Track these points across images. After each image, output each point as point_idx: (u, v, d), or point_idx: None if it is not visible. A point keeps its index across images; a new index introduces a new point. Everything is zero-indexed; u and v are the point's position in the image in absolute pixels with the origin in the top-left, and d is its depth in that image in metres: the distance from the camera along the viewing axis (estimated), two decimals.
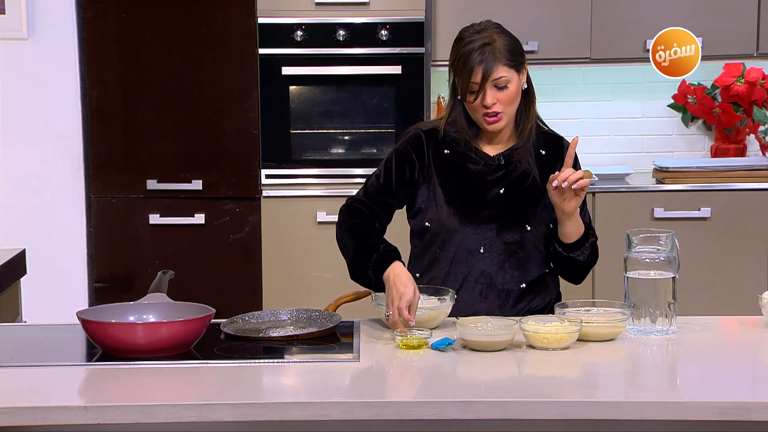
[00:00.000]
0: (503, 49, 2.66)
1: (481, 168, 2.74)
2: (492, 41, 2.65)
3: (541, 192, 2.73)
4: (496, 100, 2.66)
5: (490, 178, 2.74)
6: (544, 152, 2.78)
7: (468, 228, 2.71)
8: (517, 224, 2.71)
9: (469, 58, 2.64)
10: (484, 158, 2.75)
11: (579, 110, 4.83)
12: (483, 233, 2.72)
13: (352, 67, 4.38)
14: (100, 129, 4.40)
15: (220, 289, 4.39)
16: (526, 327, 2.43)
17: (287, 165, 4.43)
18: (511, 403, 2.07)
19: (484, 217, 2.72)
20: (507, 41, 2.68)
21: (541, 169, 2.75)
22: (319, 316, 2.67)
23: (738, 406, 2.04)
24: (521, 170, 2.74)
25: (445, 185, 2.74)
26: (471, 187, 2.74)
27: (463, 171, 2.74)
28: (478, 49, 2.64)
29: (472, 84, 2.65)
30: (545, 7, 4.48)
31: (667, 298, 2.53)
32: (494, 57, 2.64)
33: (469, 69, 2.64)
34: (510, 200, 2.73)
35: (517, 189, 2.74)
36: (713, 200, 4.37)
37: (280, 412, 2.07)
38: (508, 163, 2.75)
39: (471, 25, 2.73)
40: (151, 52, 4.37)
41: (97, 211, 4.43)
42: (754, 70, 4.61)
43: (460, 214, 2.72)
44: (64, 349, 2.50)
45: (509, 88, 2.66)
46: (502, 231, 2.71)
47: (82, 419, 2.06)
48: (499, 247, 2.71)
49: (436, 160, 2.75)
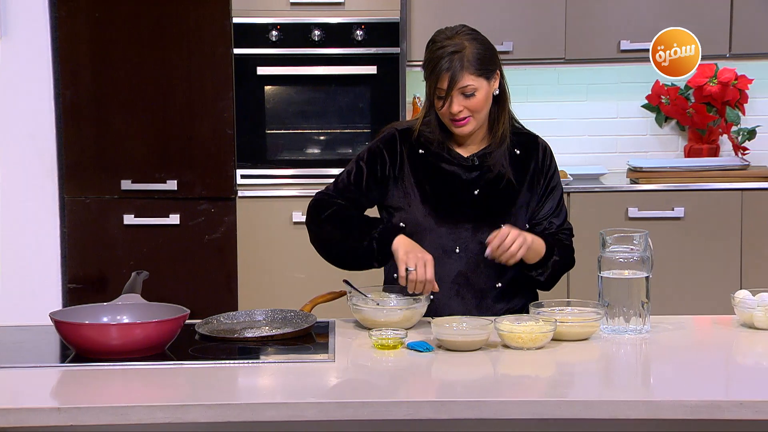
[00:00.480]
0: (472, 57, 2.66)
1: (455, 168, 2.75)
2: (461, 49, 2.66)
3: (516, 192, 2.74)
4: (463, 107, 2.68)
5: (465, 179, 2.75)
6: (518, 152, 2.79)
7: (443, 228, 2.72)
8: (492, 225, 2.72)
9: (437, 64, 2.65)
10: (458, 159, 2.76)
11: (553, 110, 4.84)
12: (458, 233, 2.72)
13: (328, 67, 4.38)
14: (74, 129, 4.38)
15: (195, 290, 4.37)
16: (500, 327, 2.43)
17: (263, 165, 4.42)
18: (486, 403, 2.08)
19: (460, 217, 2.73)
20: (477, 49, 2.68)
21: (515, 169, 2.76)
22: (294, 316, 2.67)
23: (710, 405, 2.06)
24: (495, 172, 2.75)
25: (419, 184, 2.75)
26: (446, 187, 2.75)
27: (437, 171, 2.75)
28: (446, 57, 2.64)
29: (439, 90, 2.67)
30: (520, 7, 4.49)
31: (640, 298, 2.54)
32: (461, 65, 2.64)
33: (435, 75, 2.65)
34: (485, 201, 2.74)
35: (491, 190, 2.75)
36: (687, 200, 4.40)
37: (254, 412, 2.07)
38: (482, 164, 2.76)
39: (445, 29, 2.73)
40: (125, 51, 4.35)
41: (70, 212, 4.40)
42: (727, 70, 4.64)
43: (435, 214, 2.73)
44: (37, 351, 2.49)
45: (477, 96, 2.67)
46: (477, 231, 2.72)
47: (55, 421, 2.05)
48: (475, 247, 2.72)
49: (411, 159, 2.76)
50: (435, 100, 2.69)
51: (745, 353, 2.53)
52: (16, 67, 4.36)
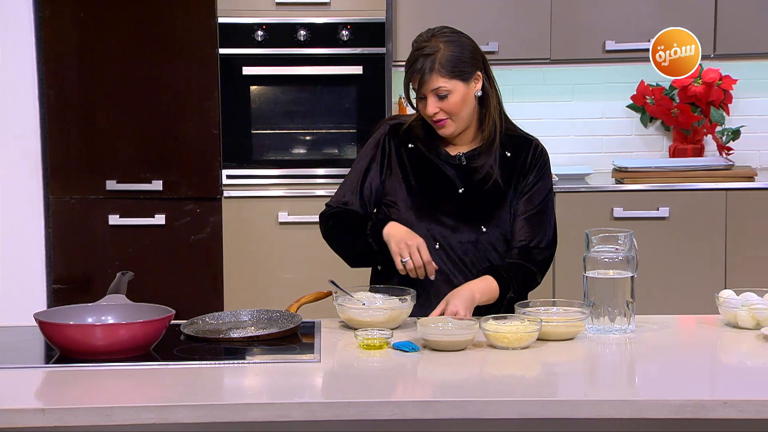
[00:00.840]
0: (444, 60, 2.68)
1: (442, 165, 2.77)
2: (435, 51, 2.69)
3: (502, 195, 2.75)
4: (439, 109, 2.71)
5: (450, 176, 2.76)
6: (509, 154, 2.80)
7: (423, 223, 2.74)
8: (472, 224, 2.73)
9: (411, 66, 2.71)
10: (446, 157, 2.77)
11: (539, 111, 4.85)
12: (438, 229, 2.74)
13: (314, 67, 4.37)
14: (59, 129, 4.36)
15: (180, 290, 4.36)
16: (486, 327, 2.44)
17: (248, 165, 4.41)
18: (471, 403, 2.08)
19: (441, 213, 2.74)
20: (452, 52, 2.70)
21: (504, 171, 2.77)
22: (280, 316, 2.67)
23: (695, 404, 2.07)
24: (483, 173, 2.75)
25: (406, 178, 2.78)
26: (431, 182, 2.77)
27: (424, 165, 2.78)
28: (420, 59, 2.69)
29: (413, 91, 2.72)
30: (505, 8, 4.50)
31: (625, 297, 2.55)
32: (431, 68, 2.67)
33: (408, 76, 2.71)
34: (468, 200, 2.75)
35: (476, 190, 2.75)
36: (671, 200, 4.41)
37: (240, 413, 2.07)
38: (469, 164, 2.76)
39: (427, 30, 2.77)
40: (109, 51, 4.33)
41: (55, 212, 4.39)
42: (711, 71, 4.66)
43: (417, 208, 2.75)
44: (22, 351, 2.48)
45: (450, 98, 2.69)
46: (457, 229, 2.74)
47: (40, 422, 2.04)
48: (455, 245, 2.73)
49: (399, 153, 2.79)
50: (414, 100, 2.74)
51: (729, 353, 2.54)
52: (1, 67, 4.34)
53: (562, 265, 4.40)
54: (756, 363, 2.42)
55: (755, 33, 4.50)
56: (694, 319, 2.77)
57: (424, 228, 2.73)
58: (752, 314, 2.57)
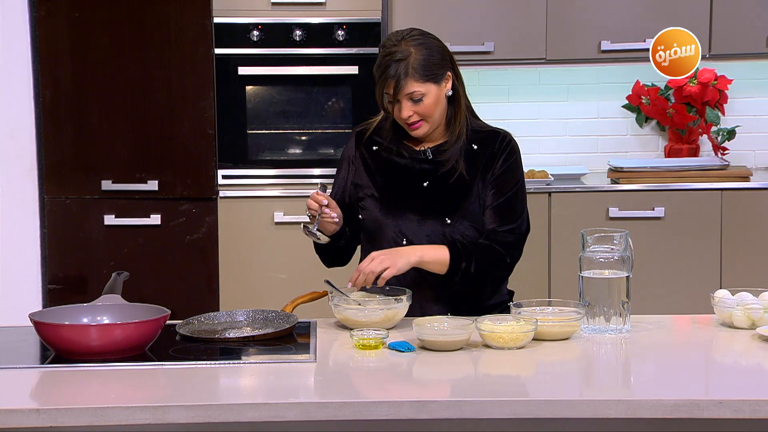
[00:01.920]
0: (417, 64, 2.70)
1: (407, 161, 2.81)
2: (407, 56, 2.70)
3: (467, 187, 2.77)
4: (413, 112, 2.73)
5: (416, 171, 2.80)
6: (476, 147, 2.81)
7: (389, 220, 2.78)
8: (437, 217, 2.75)
9: (384, 71, 2.71)
10: (410, 152, 2.81)
11: (534, 110, 4.86)
12: (404, 225, 2.77)
13: (309, 67, 4.37)
14: (53, 129, 4.36)
15: (176, 291, 4.36)
16: (482, 327, 2.44)
17: (244, 165, 4.41)
18: (466, 403, 2.08)
19: (405, 208, 2.78)
20: (423, 55, 2.71)
21: (470, 164, 2.79)
22: (276, 316, 2.67)
23: (690, 404, 2.07)
24: (448, 167, 2.78)
25: (372, 179, 2.82)
26: (395, 179, 2.81)
27: (390, 165, 2.82)
28: (392, 64, 2.69)
29: (387, 95, 2.73)
30: (501, 8, 4.50)
31: (621, 297, 2.55)
32: (406, 73, 2.69)
33: (382, 82, 2.71)
34: (433, 194, 2.78)
35: (441, 184, 2.78)
36: (667, 200, 4.41)
37: (235, 413, 2.07)
38: (435, 158, 2.79)
39: (394, 33, 2.78)
40: (105, 51, 4.33)
41: (50, 212, 4.38)
42: (707, 71, 4.66)
43: (382, 207, 2.79)
44: (17, 352, 2.48)
45: (425, 101, 2.72)
46: (423, 223, 2.76)
47: (35, 422, 2.04)
48: (422, 239, 2.75)
49: (365, 156, 2.84)
50: (386, 104, 2.75)
51: (724, 352, 2.54)
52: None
53: (557, 265, 4.40)
54: (751, 363, 2.42)
55: (750, 33, 4.50)
56: (690, 318, 2.77)
57: (391, 225, 2.78)
58: (747, 314, 2.58)
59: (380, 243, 2.77)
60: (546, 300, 2.67)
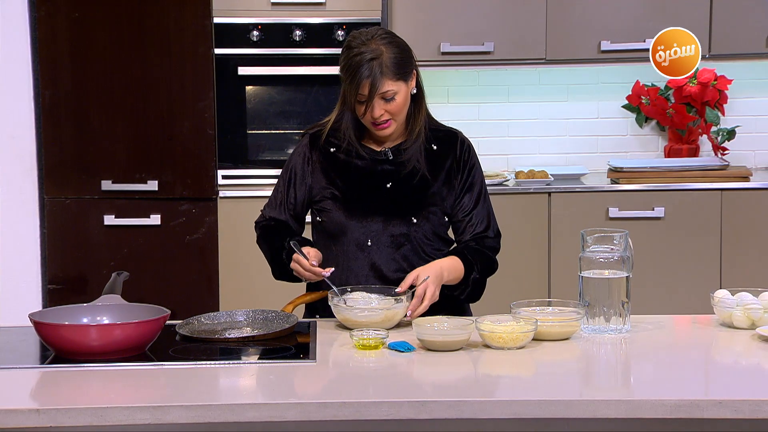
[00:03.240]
0: (390, 62, 2.69)
1: (367, 163, 2.79)
2: (379, 55, 2.69)
3: (429, 186, 2.77)
4: (384, 111, 2.71)
5: (377, 171, 2.78)
6: (435, 147, 2.82)
7: (354, 222, 2.76)
8: (402, 217, 2.76)
9: (356, 72, 2.68)
10: (371, 153, 2.80)
11: (534, 111, 4.86)
12: (369, 226, 2.76)
13: (309, 67, 4.37)
14: (53, 129, 4.36)
15: (176, 291, 4.36)
16: (481, 327, 2.44)
17: (244, 165, 4.41)
18: (466, 403, 2.08)
19: (370, 210, 2.77)
20: (394, 53, 2.71)
21: (430, 164, 2.79)
22: (276, 317, 2.67)
23: (690, 404, 2.07)
24: (410, 167, 2.78)
25: (332, 182, 2.79)
26: (357, 181, 2.79)
27: (349, 167, 2.79)
28: (365, 64, 2.67)
29: (360, 96, 2.70)
30: (501, 8, 4.50)
31: (620, 297, 2.55)
32: (381, 72, 2.67)
33: (356, 83, 2.68)
34: (396, 194, 2.77)
35: (404, 184, 2.78)
36: (667, 200, 4.41)
37: (234, 413, 2.06)
38: (396, 158, 2.79)
39: (360, 32, 2.75)
40: (105, 51, 4.33)
41: (50, 212, 4.38)
42: (707, 71, 4.67)
43: (345, 209, 2.77)
44: (17, 352, 2.48)
45: (396, 99, 2.71)
46: (387, 224, 2.76)
47: (35, 422, 2.04)
48: (386, 240, 2.75)
49: (322, 159, 2.81)
50: (356, 105, 2.72)
51: (724, 353, 2.54)
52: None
53: (557, 265, 4.40)
54: (751, 363, 2.42)
55: (750, 33, 4.51)
56: (689, 319, 2.77)
57: (356, 227, 2.75)
58: (747, 314, 2.58)
59: (343, 245, 2.75)
60: (546, 300, 2.67)
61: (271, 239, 2.84)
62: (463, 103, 4.82)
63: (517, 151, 4.85)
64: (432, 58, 4.50)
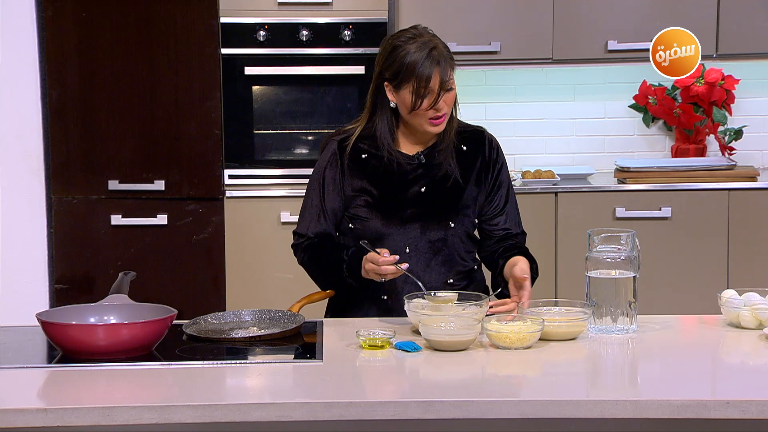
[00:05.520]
0: (445, 52, 2.69)
1: (401, 168, 2.75)
2: (436, 45, 2.67)
3: (462, 188, 2.76)
4: (445, 103, 2.69)
5: (411, 177, 2.75)
6: (465, 148, 2.81)
7: (392, 229, 2.73)
8: (440, 222, 2.74)
9: (421, 65, 2.64)
10: (404, 158, 2.76)
11: (541, 110, 4.85)
12: (407, 233, 2.73)
13: (316, 67, 4.38)
14: (60, 129, 4.36)
15: (182, 290, 4.36)
16: (488, 327, 2.44)
17: (250, 165, 4.41)
18: (473, 403, 2.08)
19: (407, 216, 2.74)
20: (444, 44, 2.71)
21: (462, 165, 2.78)
22: (282, 316, 2.67)
23: (697, 404, 2.06)
24: (443, 171, 2.75)
25: (365, 190, 2.75)
26: (392, 187, 2.75)
27: (382, 173, 2.75)
28: (428, 56, 2.64)
29: (430, 90, 2.65)
30: (507, 7, 4.50)
31: (627, 297, 2.55)
32: (446, 61, 2.66)
33: (426, 76, 2.64)
34: (432, 198, 2.75)
35: (438, 188, 2.76)
36: (674, 200, 4.41)
37: (241, 413, 2.07)
38: (428, 162, 2.76)
39: (401, 32, 2.73)
40: (112, 51, 4.34)
41: (57, 212, 4.39)
42: (714, 71, 4.66)
43: (382, 216, 2.74)
44: (24, 351, 2.48)
45: (453, 89, 2.70)
46: (426, 230, 2.74)
47: (42, 422, 2.04)
48: (424, 245, 2.73)
49: (353, 167, 2.76)
50: (416, 101, 2.66)
51: (731, 353, 2.54)
52: (3, 67, 4.34)
53: (564, 265, 4.40)
54: (758, 363, 2.42)
55: (757, 33, 4.50)
56: (696, 319, 2.77)
57: (394, 234, 2.72)
58: (754, 314, 2.57)
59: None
60: (552, 300, 2.66)
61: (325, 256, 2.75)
62: (469, 103, 4.81)
63: (523, 151, 4.85)
64: None
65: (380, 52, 2.74)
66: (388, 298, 2.73)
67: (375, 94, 2.74)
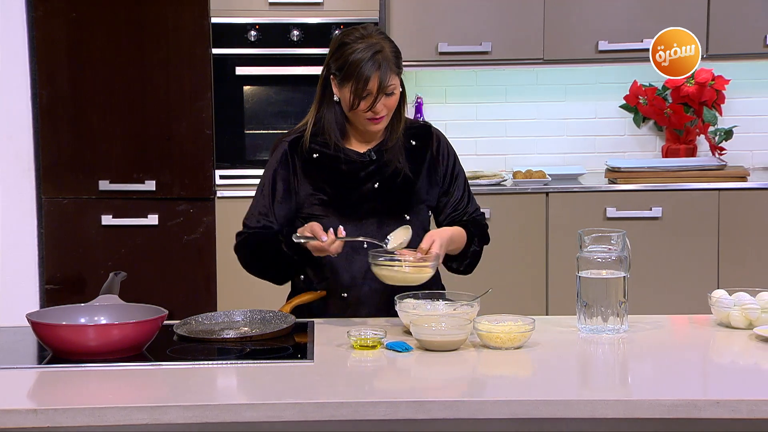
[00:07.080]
0: (391, 56, 2.70)
1: (352, 166, 2.78)
2: (382, 49, 2.68)
3: (414, 183, 2.80)
4: (384, 106, 2.70)
5: (363, 174, 2.79)
6: (414, 143, 2.84)
7: (349, 226, 2.73)
8: (395, 215, 2.77)
9: (362, 66, 2.65)
10: (355, 156, 2.79)
11: (532, 111, 4.86)
12: (364, 228, 2.75)
13: (307, 67, 4.37)
14: (51, 129, 4.35)
15: (173, 291, 4.36)
16: (479, 326, 2.44)
17: (241, 165, 4.41)
18: (464, 403, 2.08)
19: (363, 212, 2.77)
20: (392, 47, 2.72)
21: (412, 161, 2.82)
22: (273, 317, 2.67)
23: (687, 404, 2.07)
24: (393, 167, 2.79)
25: (319, 189, 2.77)
26: (345, 185, 2.78)
27: (335, 172, 2.78)
28: (371, 58, 2.66)
29: (368, 92, 2.67)
30: (498, 8, 4.50)
31: (618, 297, 2.55)
32: (387, 65, 2.67)
33: (365, 78, 2.66)
34: (386, 194, 2.79)
35: (391, 184, 2.79)
36: (664, 200, 4.42)
37: (232, 413, 2.06)
38: (379, 159, 2.80)
39: (353, 30, 2.74)
40: (102, 51, 4.33)
41: (48, 213, 4.38)
42: (704, 71, 4.67)
43: (339, 214, 2.75)
44: (14, 352, 2.48)
45: (395, 93, 2.72)
46: (382, 224, 2.76)
47: (32, 422, 2.04)
48: (382, 240, 2.73)
49: (305, 167, 2.78)
50: (354, 100, 2.68)
51: (721, 353, 2.54)
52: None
53: (554, 265, 4.40)
54: (748, 363, 2.42)
55: (747, 33, 4.51)
56: (687, 319, 2.78)
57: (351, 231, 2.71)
58: (744, 314, 2.58)
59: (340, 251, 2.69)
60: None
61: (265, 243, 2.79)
62: (460, 103, 4.82)
63: (514, 151, 4.86)
64: (430, 58, 4.50)
65: (331, 45, 2.78)
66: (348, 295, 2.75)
67: (323, 86, 2.77)
